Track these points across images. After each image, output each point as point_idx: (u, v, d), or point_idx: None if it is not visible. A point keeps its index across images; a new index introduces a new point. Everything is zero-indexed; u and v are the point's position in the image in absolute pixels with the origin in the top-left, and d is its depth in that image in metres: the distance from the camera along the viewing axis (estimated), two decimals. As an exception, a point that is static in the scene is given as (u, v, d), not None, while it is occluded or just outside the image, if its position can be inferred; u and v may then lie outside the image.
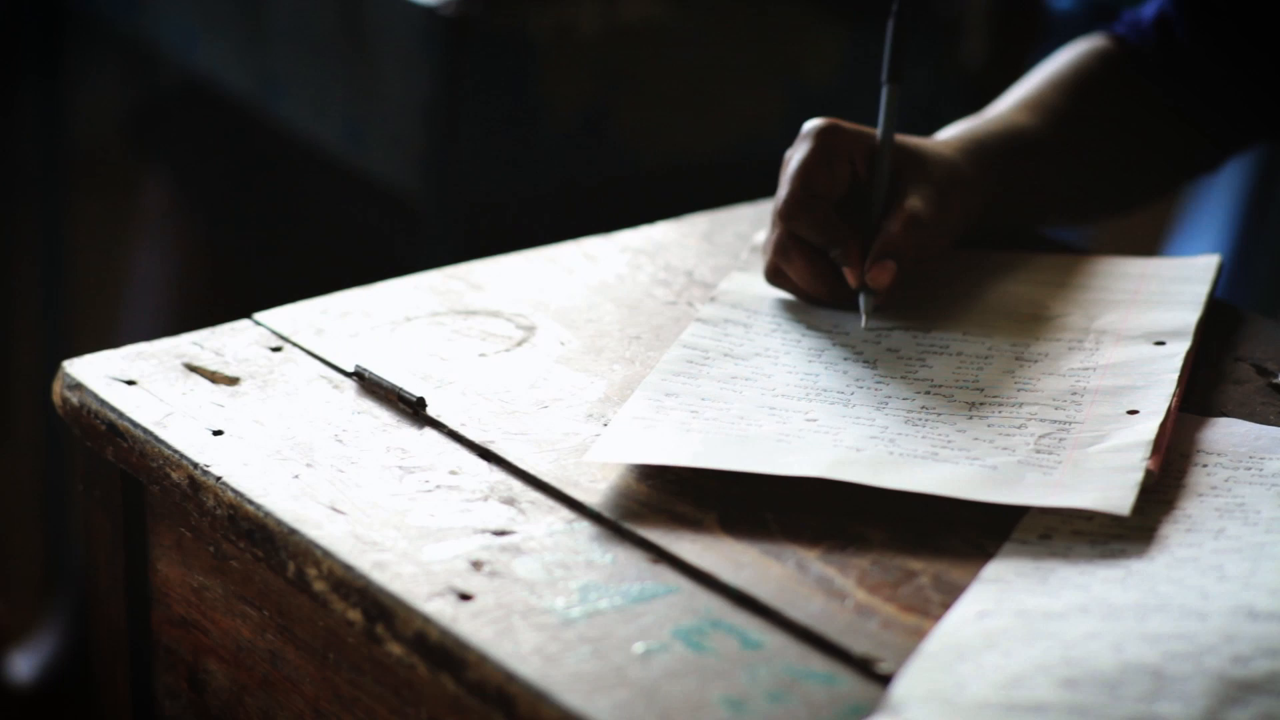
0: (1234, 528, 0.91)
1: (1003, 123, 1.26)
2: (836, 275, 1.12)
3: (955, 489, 0.93)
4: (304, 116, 2.07)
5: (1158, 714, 0.77)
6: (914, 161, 1.15)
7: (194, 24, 2.21)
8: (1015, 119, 1.27)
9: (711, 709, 0.80)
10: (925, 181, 1.14)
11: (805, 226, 1.11)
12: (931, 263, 1.17)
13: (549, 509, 0.94)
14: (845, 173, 1.13)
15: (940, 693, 0.79)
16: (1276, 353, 1.11)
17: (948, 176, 1.16)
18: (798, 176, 1.11)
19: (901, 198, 1.13)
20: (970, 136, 1.22)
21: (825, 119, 1.14)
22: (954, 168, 1.17)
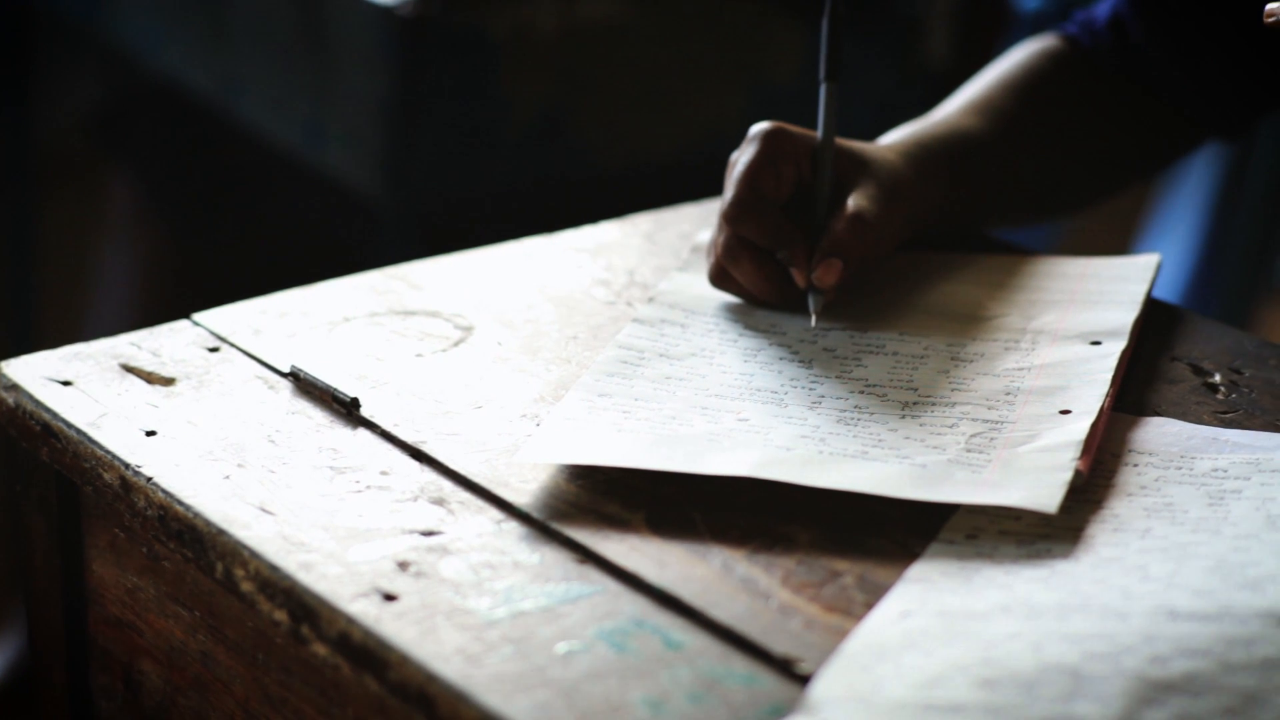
0: (1161, 527, 0.91)
1: (949, 126, 1.26)
2: (783, 277, 1.12)
3: (883, 487, 0.93)
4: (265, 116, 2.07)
5: (1074, 714, 0.77)
6: (858, 164, 1.15)
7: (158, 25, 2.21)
8: (962, 122, 1.27)
9: (631, 709, 0.80)
10: (871, 184, 1.14)
11: (753, 229, 1.11)
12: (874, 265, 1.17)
13: (478, 509, 0.94)
14: (791, 175, 1.13)
15: (858, 693, 0.79)
16: (1213, 352, 1.11)
17: (892, 181, 1.16)
18: (744, 179, 1.12)
19: (846, 199, 1.13)
20: (915, 141, 1.22)
21: (771, 122, 1.14)
22: (898, 172, 1.17)
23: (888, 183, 1.15)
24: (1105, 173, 1.37)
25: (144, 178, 2.49)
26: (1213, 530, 0.90)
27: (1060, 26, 1.37)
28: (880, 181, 1.15)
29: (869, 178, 1.14)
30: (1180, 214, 2.62)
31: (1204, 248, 2.59)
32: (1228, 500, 0.93)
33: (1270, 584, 0.84)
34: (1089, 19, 1.36)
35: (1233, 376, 1.08)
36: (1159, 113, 1.34)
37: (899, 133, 1.24)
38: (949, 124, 1.26)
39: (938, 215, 1.22)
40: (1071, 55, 1.34)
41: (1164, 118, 1.35)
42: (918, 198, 1.19)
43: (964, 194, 1.24)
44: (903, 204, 1.16)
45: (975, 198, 1.26)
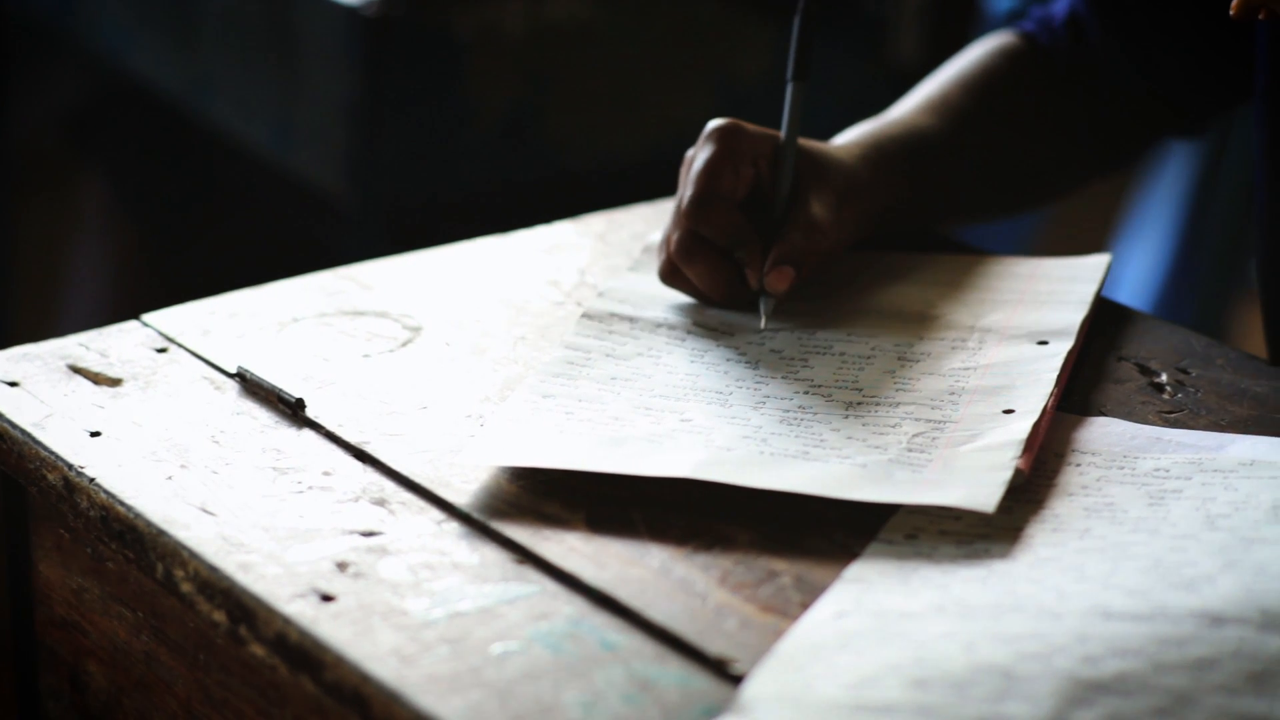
0: (1100, 527, 0.91)
1: (905, 126, 1.26)
2: (736, 277, 1.12)
3: (822, 487, 0.93)
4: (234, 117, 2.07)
5: (1005, 714, 0.77)
6: (815, 167, 1.15)
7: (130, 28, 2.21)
8: (918, 121, 1.27)
9: (563, 710, 0.80)
10: (826, 188, 1.14)
11: (711, 227, 1.11)
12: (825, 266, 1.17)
13: (419, 510, 0.94)
14: (749, 174, 1.13)
15: (790, 693, 0.79)
16: (1160, 352, 1.11)
17: (846, 183, 1.16)
18: (703, 176, 1.11)
19: (803, 204, 1.13)
20: (871, 141, 1.22)
21: (728, 119, 1.13)
22: (853, 174, 1.17)
23: (843, 187, 1.15)
24: (1062, 171, 1.37)
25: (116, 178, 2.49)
26: (1151, 530, 0.90)
27: (1017, 24, 1.37)
28: (837, 186, 1.15)
29: (826, 182, 1.14)
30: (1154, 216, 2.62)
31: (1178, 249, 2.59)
32: (1168, 500, 0.93)
33: (1205, 584, 0.84)
34: (1046, 16, 1.36)
35: (1179, 376, 1.08)
36: (1116, 111, 1.34)
37: (855, 131, 1.24)
38: (905, 123, 1.26)
39: (893, 215, 1.22)
40: (1028, 52, 1.34)
41: (1121, 116, 1.35)
42: (872, 198, 1.19)
43: (919, 193, 1.24)
44: (857, 206, 1.17)
45: (931, 197, 1.26)
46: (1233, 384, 1.07)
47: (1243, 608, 0.81)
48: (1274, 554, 0.86)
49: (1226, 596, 0.82)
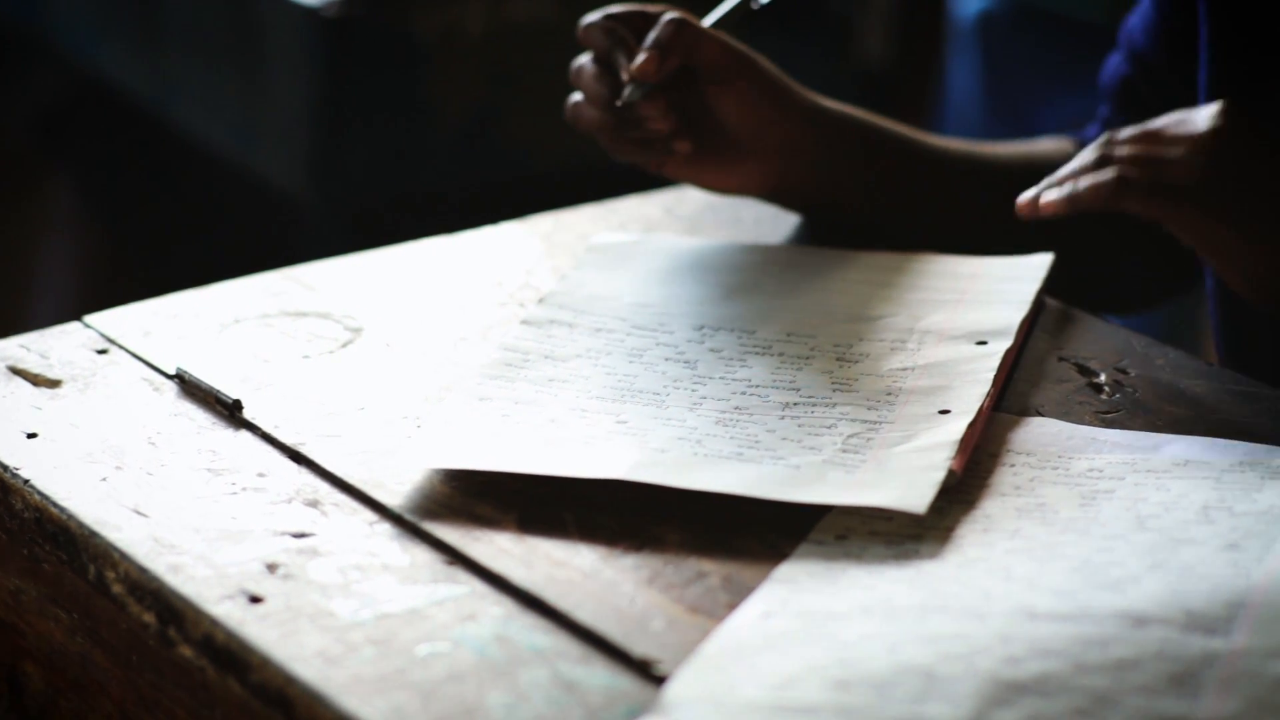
0: (1030, 528, 0.91)
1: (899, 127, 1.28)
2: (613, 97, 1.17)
3: (754, 488, 0.93)
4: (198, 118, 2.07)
5: (925, 715, 0.77)
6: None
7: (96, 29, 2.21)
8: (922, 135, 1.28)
9: (486, 711, 0.80)
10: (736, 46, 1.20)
11: (598, 30, 1.17)
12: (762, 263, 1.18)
13: (352, 511, 0.94)
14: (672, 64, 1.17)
15: (712, 693, 0.79)
16: (1100, 352, 1.11)
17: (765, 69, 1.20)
18: (614, 7, 1.19)
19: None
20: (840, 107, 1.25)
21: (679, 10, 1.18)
22: (781, 82, 1.21)
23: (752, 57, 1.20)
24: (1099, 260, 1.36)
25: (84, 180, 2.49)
26: (1081, 531, 0.90)
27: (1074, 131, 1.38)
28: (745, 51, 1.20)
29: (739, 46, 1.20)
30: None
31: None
32: (1100, 500, 0.93)
33: (1131, 585, 0.84)
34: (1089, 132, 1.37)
35: (1118, 376, 1.08)
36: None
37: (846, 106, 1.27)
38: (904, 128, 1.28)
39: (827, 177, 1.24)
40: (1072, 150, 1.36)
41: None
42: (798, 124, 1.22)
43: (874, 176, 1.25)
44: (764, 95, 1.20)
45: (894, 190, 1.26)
46: (1171, 384, 1.07)
47: (1167, 608, 0.81)
48: (1201, 554, 0.86)
49: (1151, 597, 0.82)
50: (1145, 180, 1.02)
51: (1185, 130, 1.04)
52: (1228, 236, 1.03)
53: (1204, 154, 1.02)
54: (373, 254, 1.22)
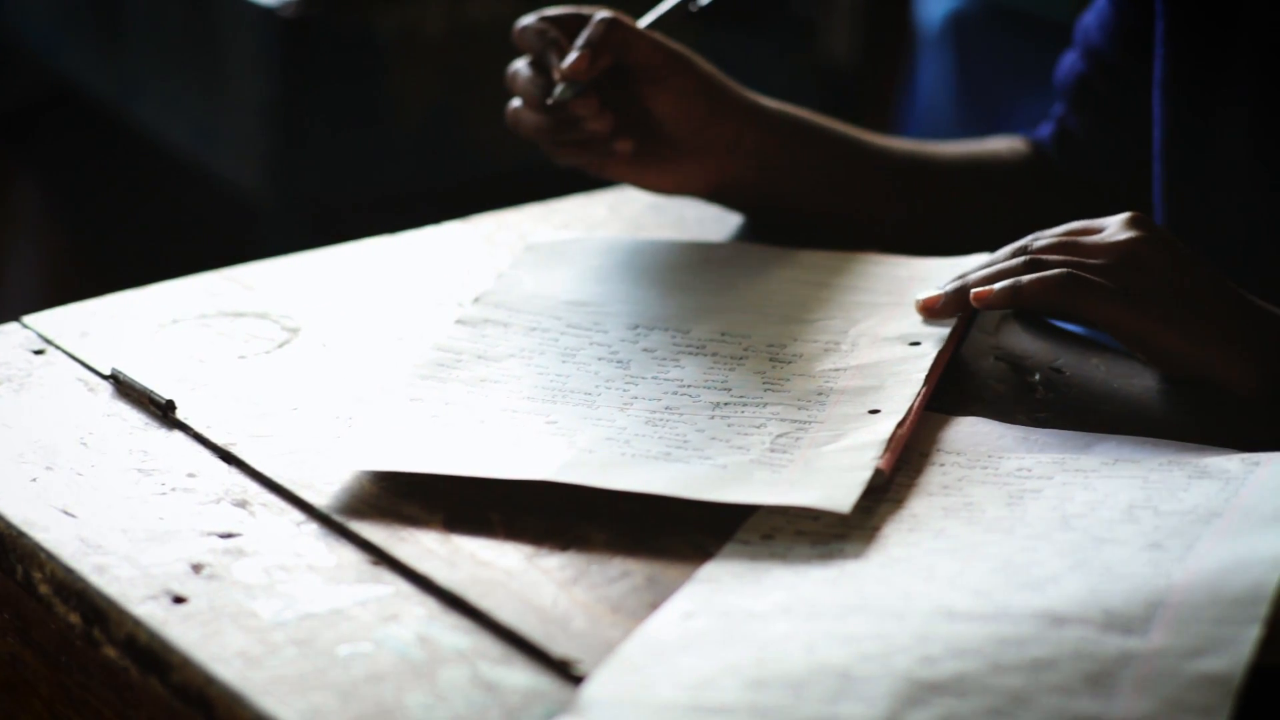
0: (955, 528, 0.91)
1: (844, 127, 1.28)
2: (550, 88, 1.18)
3: (680, 488, 0.92)
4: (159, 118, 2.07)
5: (839, 715, 0.77)
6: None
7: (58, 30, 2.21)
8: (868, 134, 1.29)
9: (404, 712, 0.80)
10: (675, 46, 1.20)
11: (531, 33, 1.18)
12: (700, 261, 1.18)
13: (280, 511, 0.94)
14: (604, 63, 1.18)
15: (628, 694, 0.79)
16: (1036, 351, 1.11)
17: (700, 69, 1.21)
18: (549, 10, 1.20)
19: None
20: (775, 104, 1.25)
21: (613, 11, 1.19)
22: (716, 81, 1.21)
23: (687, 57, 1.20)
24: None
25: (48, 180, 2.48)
26: (1006, 530, 0.90)
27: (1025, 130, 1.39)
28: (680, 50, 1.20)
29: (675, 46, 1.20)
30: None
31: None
32: (1027, 500, 0.93)
33: (1051, 584, 0.84)
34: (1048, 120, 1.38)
35: (1053, 376, 1.08)
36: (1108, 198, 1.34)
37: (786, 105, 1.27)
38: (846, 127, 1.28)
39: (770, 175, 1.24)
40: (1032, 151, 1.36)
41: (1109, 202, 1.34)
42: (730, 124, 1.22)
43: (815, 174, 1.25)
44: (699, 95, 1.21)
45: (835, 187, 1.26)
46: (1105, 384, 1.07)
47: (1086, 608, 0.81)
48: (1123, 554, 0.86)
49: (1070, 597, 0.82)
50: (1091, 280, 1.03)
51: (1102, 240, 1.05)
52: (1171, 339, 1.03)
53: (1128, 262, 1.03)
54: (313, 254, 1.22)
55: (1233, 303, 1.05)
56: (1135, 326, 1.03)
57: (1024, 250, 1.07)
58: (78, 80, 2.21)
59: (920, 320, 1.09)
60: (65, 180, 2.46)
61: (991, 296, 1.05)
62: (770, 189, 1.25)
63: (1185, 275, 1.04)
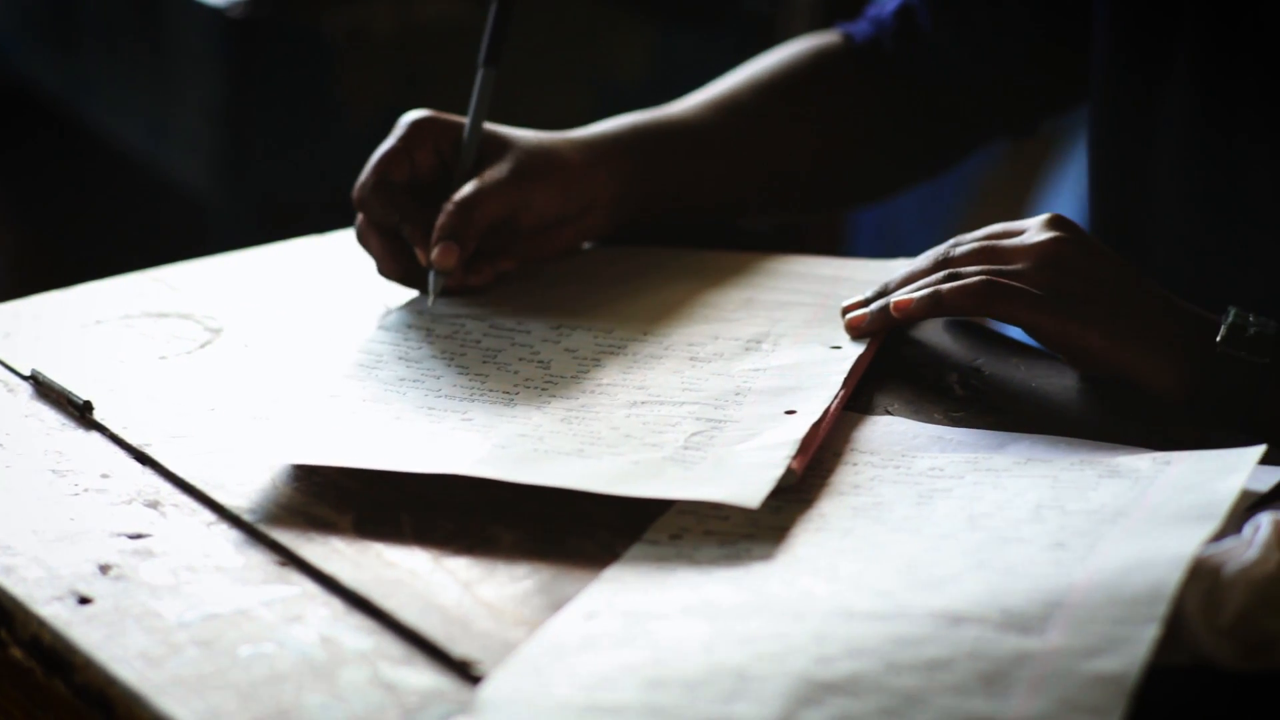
0: (863, 527, 0.91)
1: (662, 119, 1.27)
2: (411, 256, 1.15)
3: (589, 483, 0.92)
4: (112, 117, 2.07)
5: (733, 715, 0.77)
6: (497, 148, 1.17)
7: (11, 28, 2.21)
8: (685, 116, 1.27)
9: (301, 712, 0.80)
10: (499, 166, 1.16)
11: (376, 209, 1.15)
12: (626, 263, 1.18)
13: (191, 512, 0.94)
14: (428, 160, 1.16)
15: (525, 694, 0.79)
16: (957, 350, 1.11)
17: (528, 162, 1.17)
18: (375, 164, 1.16)
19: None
20: (602, 132, 1.24)
21: (423, 111, 1.16)
22: (546, 155, 1.18)
23: (521, 166, 1.17)
24: (870, 170, 1.37)
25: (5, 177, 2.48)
26: (913, 530, 0.90)
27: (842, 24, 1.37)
28: (510, 165, 1.16)
29: (502, 161, 1.16)
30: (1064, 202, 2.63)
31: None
32: (936, 499, 0.93)
33: (952, 584, 0.84)
34: (878, 11, 1.37)
35: (972, 375, 1.08)
36: (940, 108, 1.35)
37: (608, 123, 1.25)
38: (666, 117, 1.27)
39: (636, 204, 1.23)
40: (843, 51, 1.34)
41: (945, 113, 1.35)
42: (585, 183, 1.20)
43: (670, 184, 1.25)
44: (549, 187, 1.18)
45: (690, 188, 1.26)
46: (1023, 383, 1.07)
47: (984, 607, 0.81)
48: (1027, 553, 0.86)
49: (970, 596, 0.82)
50: (1010, 285, 1.03)
51: (1022, 242, 1.05)
52: (1091, 339, 1.04)
53: (1048, 265, 1.04)
54: (240, 254, 1.22)
55: (1153, 302, 1.05)
56: (1056, 329, 1.03)
57: (944, 257, 1.08)
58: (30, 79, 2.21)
59: (840, 323, 1.09)
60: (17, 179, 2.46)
61: (912, 307, 1.05)
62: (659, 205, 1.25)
63: (1105, 275, 1.04)
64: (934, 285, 1.05)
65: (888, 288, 1.09)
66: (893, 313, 1.06)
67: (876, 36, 1.35)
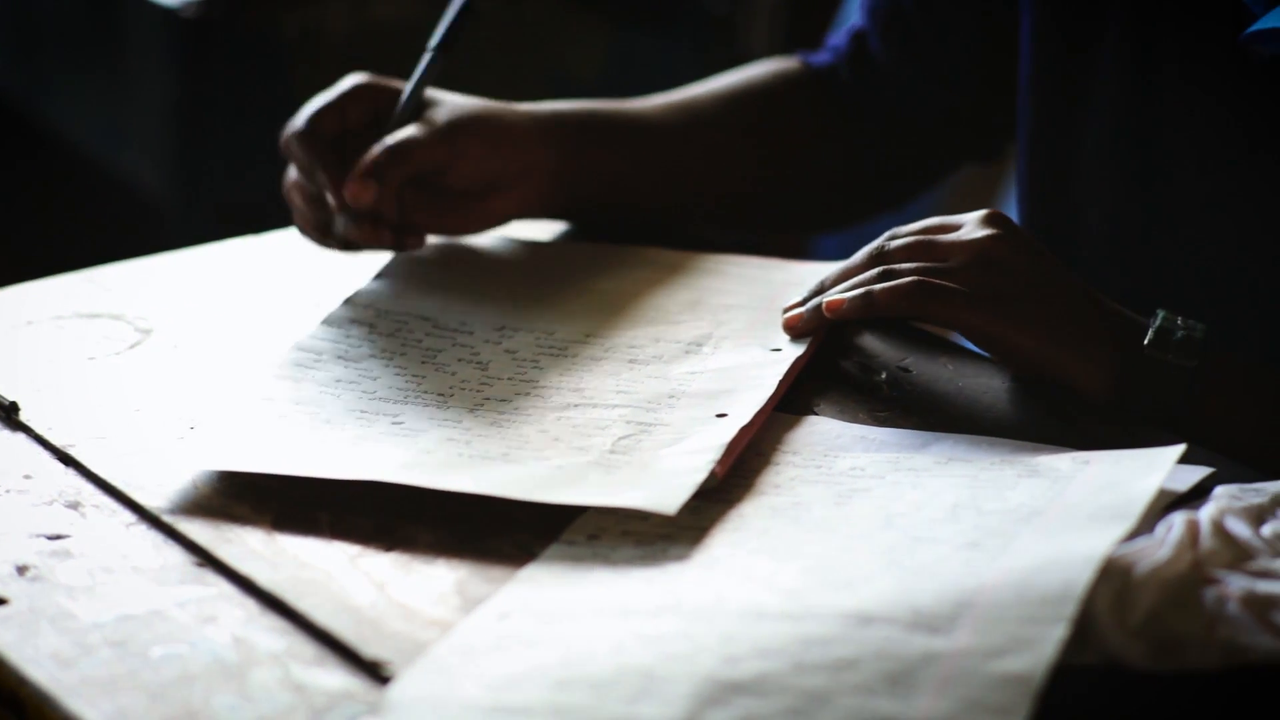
0: (780, 528, 0.91)
1: (613, 108, 1.27)
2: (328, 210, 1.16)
3: (510, 489, 0.92)
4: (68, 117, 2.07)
5: (639, 715, 0.77)
6: (436, 105, 1.17)
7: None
8: (637, 110, 1.27)
9: (210, 713, 0.80)
10: (430, 118, 1.17)
11: (298, 154, 1.16)
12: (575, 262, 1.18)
13: (112, 513, 0.94)
14: (358, 114, 1.17)
15: (432, 695, 0.79)
16: (885, 350, 1.11)
17: (473, 121, 1.18)
18: (306, 114, 1.17)
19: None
20: (554, 108, 1.25)
21: (366, 74, 1.17)
22: (490, 118, 1.19)
23: (459, 120, 1.18)
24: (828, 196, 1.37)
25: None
26: (829, 530, 0.90)
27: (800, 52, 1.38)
28: (447, 118, 1.17)
29: (436, 114, 1.16)
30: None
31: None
32: (855, 499, 0.93)
33: (864, 584, 0.84)
34: (836, 40, 1.37)
35: (900, 375, 1.08)
36: (899, 133, 1.34)
37: (559, 102, 1.26)
38: (618, 107, 1.28)
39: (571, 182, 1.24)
40: (802, 75, 1.35)
41: (904, 138, 1.35)
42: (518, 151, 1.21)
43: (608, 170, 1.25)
44: (484, 146, 1.19)
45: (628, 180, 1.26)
46: (951, 383, 1.07)
47: (894, 607, 0.81)
48: (940, 553, 0.86)
49: (880, 596, 0.82)
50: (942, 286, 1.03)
51: (957, 239, 1.05)
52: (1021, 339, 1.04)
53: (982, 263, 1.04)
54: (175, 255, 1.22)
55: (1084, 303, 1.05)
56: (987, 329, 1.03)
57: (880, 252, 1.08)
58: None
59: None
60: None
61: (844, 308, 1.05)
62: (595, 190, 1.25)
63: (1038, 275, 1.04)
64: (867, 285, 1.05)
65: (823, 285, 1.09)
66: (825, 313, 1.06)
67: (834, 64, 1.35)
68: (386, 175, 1.14)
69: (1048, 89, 1.23)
